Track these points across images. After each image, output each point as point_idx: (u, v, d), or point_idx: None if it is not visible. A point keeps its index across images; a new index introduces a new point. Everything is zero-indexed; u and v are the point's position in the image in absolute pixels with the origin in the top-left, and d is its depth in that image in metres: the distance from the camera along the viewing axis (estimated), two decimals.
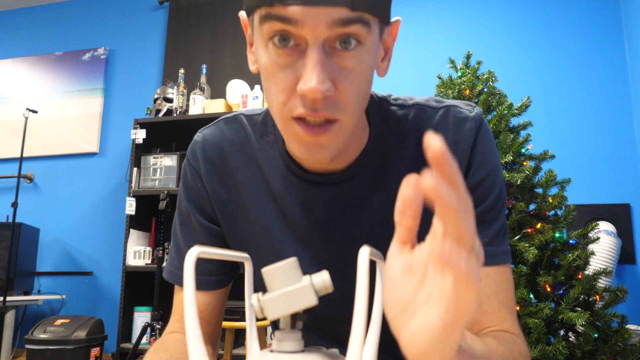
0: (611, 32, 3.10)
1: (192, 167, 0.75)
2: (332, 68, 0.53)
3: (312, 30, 0.51)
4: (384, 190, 0.68)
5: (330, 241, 0.70)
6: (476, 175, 0.67)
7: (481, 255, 0.32)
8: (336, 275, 0.70)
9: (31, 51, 4.18)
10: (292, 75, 0.53)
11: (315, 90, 0.50)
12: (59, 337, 2.82)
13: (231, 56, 3.68)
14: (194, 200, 0.74)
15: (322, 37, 0.51)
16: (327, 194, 0.68)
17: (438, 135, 0.29)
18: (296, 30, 0.51)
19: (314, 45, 0.51)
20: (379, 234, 0.68)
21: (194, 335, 0.39)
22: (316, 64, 0.51)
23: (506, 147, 2.01)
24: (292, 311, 0.41)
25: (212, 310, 0.75)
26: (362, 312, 0.39)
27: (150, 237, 3.40)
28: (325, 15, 0.50)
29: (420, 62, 3.35)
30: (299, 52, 0.53)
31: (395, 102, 0.70)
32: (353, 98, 0.55)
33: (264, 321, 2.22)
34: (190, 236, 0.75)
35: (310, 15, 0.50)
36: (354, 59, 0.53)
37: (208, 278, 0.74)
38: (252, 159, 0.72)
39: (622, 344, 1.74)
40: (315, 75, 0.50)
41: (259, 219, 0.71)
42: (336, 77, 0.53)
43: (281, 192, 0.69)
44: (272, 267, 0.43)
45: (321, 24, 0.50)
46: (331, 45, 0.53)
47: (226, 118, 0.75)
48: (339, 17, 0.50)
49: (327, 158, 0.58)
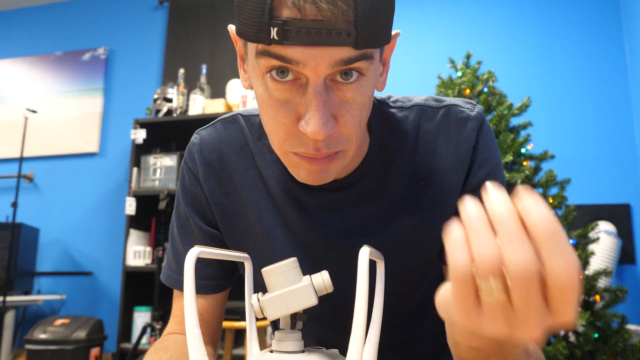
0: (611, 32, 3.10)
1: (189, 170, 0.73)
2: (332, 102, 0.51)
3: (313, 71, 0.48)
4: (386, 193, 0.67)
5: (331, 246, 0.69)
6: (478, 174, 0.66)
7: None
8: (337, 278, 0.69)
9: (31, 51, 4.18)
10: (292, 111, 0.51)
11: (319, 133, 0.49)
12: (59, 337, 2.81)
13: (231, 56, 3.67)
14: (192, 204, 0.73)
15: (324, 75, 0.49)
16: (329, 200, 0.67)
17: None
18: (297, 68, 0.48)
19: (316, 85, 0.49)
20: (382, 237, 0.68)
21: (194, 335, 0.39)
22: (318, 106, 0.48)
23: (506, 147, 2.01)
24: (292, 311, 0.41)
25: (212, 313, 0.75)
26: (362, 312, 0.39)
27: (150, 237, 3.40)
28: (328, 56, 0.47)
29: (420, 62, 3.35)
30: (298, 87, 0.50)
31: (394, 105, 0.69)
32: (355, 128, 0.53)
33: (264, 321, 2.22)
34: (189, 240, 0.74)
35: (312, 57, 0.47)
36: (356, 91, 0.51)
37: (206, 282, 0.73)
38: (250, 161, 0.70)
39: (622, 344, 1.74)
40: (318, 118, 0.48)
41: (259, 223, 0.70)
42: (337, 111, 0.51)
43: (281, 196, 0.68)
44: (272, 267, 0.43)
45: (323, 64, 0.47)
46: (332, 78, 0.50)
47: (224, 119, 0.74)
48: (342, 58, 0.47)
49: (329, 180, 0.57)
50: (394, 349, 0.79)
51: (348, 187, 0.66)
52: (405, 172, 0.66)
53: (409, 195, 0.67)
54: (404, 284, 0.71)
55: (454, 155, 0.66)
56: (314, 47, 0.46)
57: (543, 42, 3.20)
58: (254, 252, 0.72)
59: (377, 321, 0.46)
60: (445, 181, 0.66)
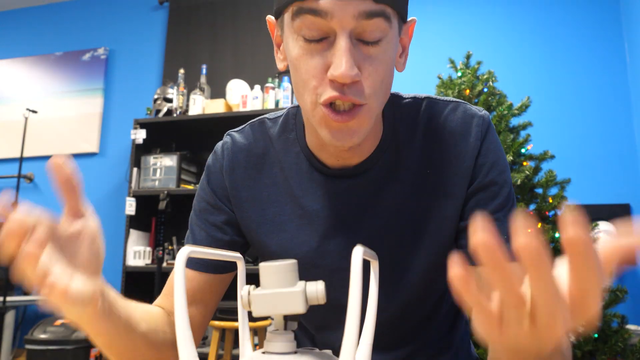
0: (611, 32, 3.09)
1: (216, 162, 0.79)
2: (358, 56, 0.58)
3: (340, 22, 0.56)
4: (397, 181, 0.71)
5: (348, 231, 0.72)
6: (490, 173, 0.69)
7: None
8: (346, 269, 0.71)
9: (31, 51, 4.18)
10: (322, 62, 0.58)
11: (345, 75, 0.55)
12: (59, 337, 2.82)
13: (231, 56, 3.67)
14: (215, 188, 0.78)
15: (349, 27, 0.56)
16: (346, 186, 0.72)
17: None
18: (325, 22, 0.56)
19: (342, 35, 0.56)
20: (393, 223, 0.71)
21: (185, 337, 0.39)
22: (345, 51, 0.56)
23: (506, 147, 2.01)
24: (277, 312, 0.41)
25: (210, 292, 0.76)
26: (355, 312, 0.39)
27: (150, 237, 3.40)
28: (352, 7, 0.55)
29: (420, 62, 3.35)
30: (328, 44, 0.58)
31: (407, 96, 0.75)
32: (377, 83, 0.60)
33: (265, 321, 2.22)
34: (206, 223, 0.77)
35: (338, 7, 0.55)
36: (378, 48, 0.59)
37: (215, 262, 0.75)
38: (274, 161, 0.76)
39: (622, 344, 1.73)
40: (345, 61, 0.55)
41: (279, 216, 0.75)
42: (362, 64, 0.58)
43: (301, 187, 0.73)
44: (269, 264, 0.42)
45: (348, 15, 0.56)
46: (357, 37, 0.58)
47: (252, 123, 0.80)
48: (364, 10, 0.56)
49: (354, 142, 0.62)
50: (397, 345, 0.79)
51: (363, 173, 0.71)
52: (414, 160, 0.71)
53: (418, 181, 0.71)
54: (414, 270, 0.73)
55: (459, 146, 0.70)
56: (341, 0, 0.55)
57: (543, 43, 3.19)
58: (267, 246, 0.75)
59: (370, 321, 0.46)
60: (449, 170, 0.70)
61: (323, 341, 0.81)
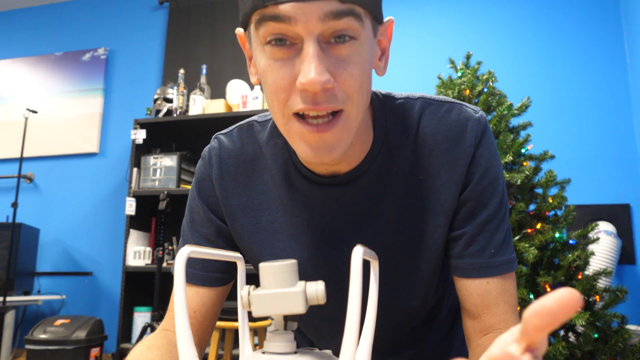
0: (611, 32, 3.09)
1: (205, 170, 0.75)
2: (329, 61, 0.53)
3: (305, 26, 0.51)
4: (389, 188, 0.68)
5: (339, 241, 0.70)
6: (481, 182, 0.66)
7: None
8: (341, 275, 0.70)
9: (31, 51, 4.18)
10: (290, 71, 0.53)
11: (314, 81, 0.51)
12: (59, 337, 2.82)
13: (231, 56, 3.67)
14: (205, 198, 0.75)
15: (316, 32, 0.52)
16: (336, 195, 0.69)
17: None
18: (290, 28, 0.52)
19: (309, 40, 0.52)
20: (385, 231, 0.69)
21: (185, 337, 0.39)
22: (313, 57, 0.51)
23: (506, 147, 2.00)
24: (277, 313, 0.41)
25: (206, 311, 0.74)
26: (355, 312, 0.38)
27: (150, 237, 3.40)
28: (316, 9, 0.51)
29: (420, 62, 3.35)
30: (295, 50, 0.53)
31: (400, 97, 0.71)
32: (355, 87, 0.55)
33: (265, 321, 2.22)
34: (197, 234, 0.75)
35: (302, 11, 0.51)
36: (350, 50, 0.54)
37: (212, 275, 0.74)
38: (264, 168, 0.73)
39: (622, 344, 1.73)
40: (314, 67, 0.51)
41: (271, 225, 0.72)
42: (334, 68, 0.53)
43: (291, 195, 0.70)
44: (269, 264, 0.42)
45: (313, 18, 0.51)
46: (326, 41, 0.53)
47: (240, 126, 0.76)
48: (330, 10, 0.51)
49: (334, 157, 0.57)
50: (397, 349, 0.79)
51: (353, 181, 0.68)
52: (406, 166, 0.68)
53: (410, 187, 0.68)
54: (409, 278, 0.72)
55: (452, 153, 0.66)
56: (304, 3, 0.50)
57: (543, 42, 3.19)
58: (260, 254, 0.73)
59: (370, 321, 0.46)
60: (440, 177, 0.67)
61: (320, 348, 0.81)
